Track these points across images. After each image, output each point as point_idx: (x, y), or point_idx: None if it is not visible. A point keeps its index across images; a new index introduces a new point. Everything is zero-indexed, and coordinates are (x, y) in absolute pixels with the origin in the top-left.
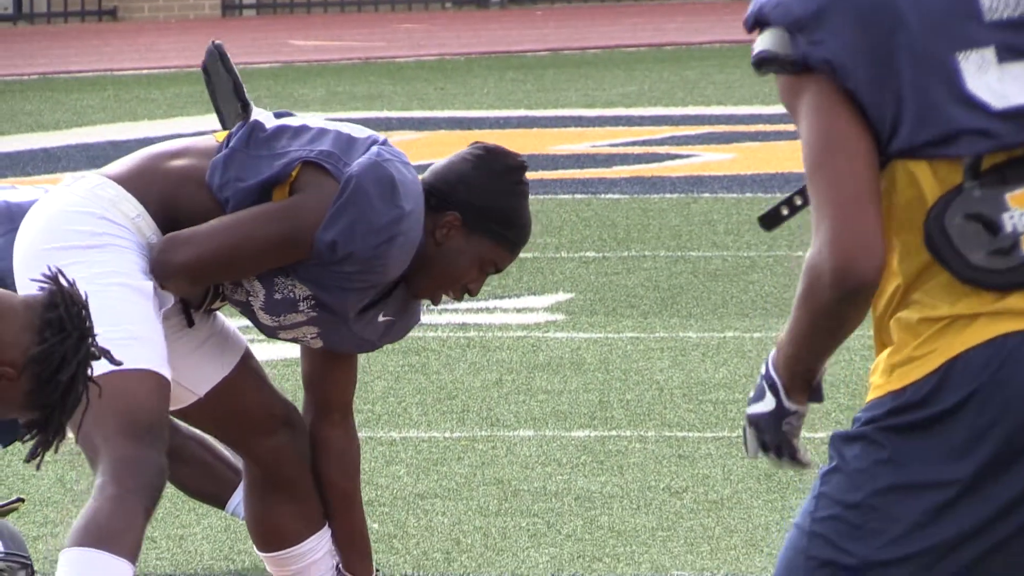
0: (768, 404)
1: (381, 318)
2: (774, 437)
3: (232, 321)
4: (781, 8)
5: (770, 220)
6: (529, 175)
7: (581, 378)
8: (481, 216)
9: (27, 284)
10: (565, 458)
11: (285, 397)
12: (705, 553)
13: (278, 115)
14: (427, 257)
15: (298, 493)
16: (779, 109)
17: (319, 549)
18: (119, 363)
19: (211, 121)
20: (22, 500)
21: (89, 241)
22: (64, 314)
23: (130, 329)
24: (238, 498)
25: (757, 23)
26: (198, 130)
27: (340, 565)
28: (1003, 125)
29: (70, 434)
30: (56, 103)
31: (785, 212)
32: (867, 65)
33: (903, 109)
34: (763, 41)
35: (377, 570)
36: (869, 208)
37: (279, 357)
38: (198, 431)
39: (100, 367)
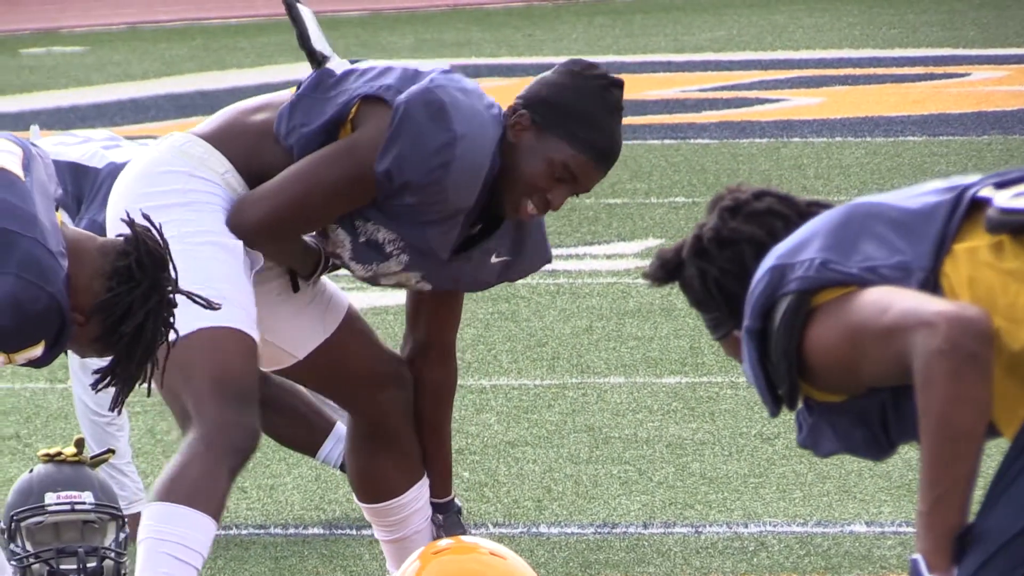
0: None
1: (494, 259)
2: None
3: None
4: None
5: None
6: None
7: (671, 324)
8: (551, 112)
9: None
10: (656, 405)
11: (391, 352)
12: (797, 500)
13: (353, 62)
14: (504, 168)
15: (401, 445)
16: (867, 52)
17: (419, 499)
18: (217, 306)
19: (300, 69)
20: (112, 451)
21: (179, 199)
22: (134, 263)
23: (219, 288)
24: (329, 446)
25: None
26: (286, 79)
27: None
28: None
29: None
30: (144, 53)
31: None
32: None
33: None
34: None
35: (458, 510)
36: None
37: (368, 305)
38: (290, 380)
39: (190, 323)
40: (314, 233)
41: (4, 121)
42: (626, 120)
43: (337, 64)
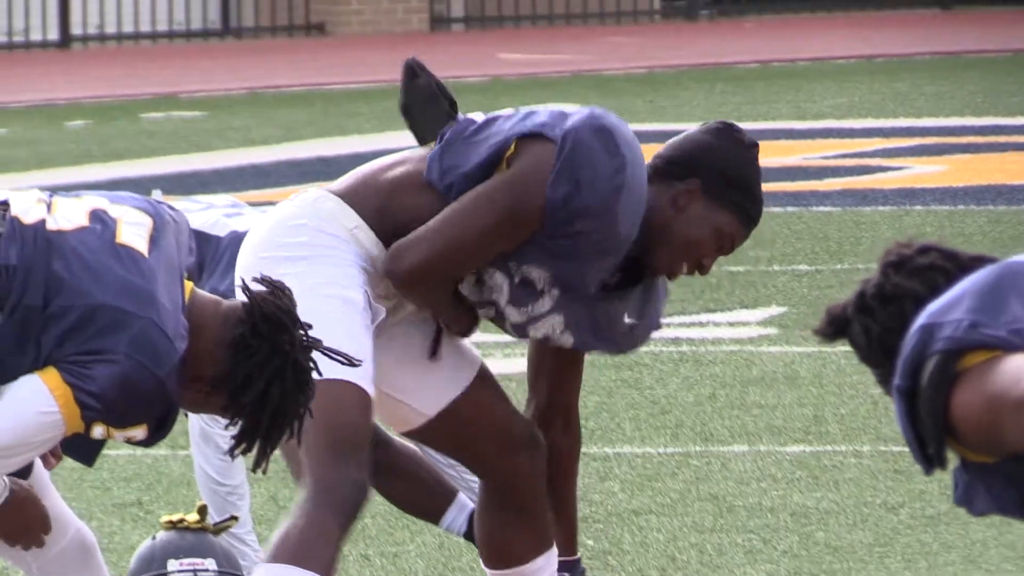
0: None
1: (626, 319)
2: None
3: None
4: None
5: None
6: None
7: (795, 392)
8: (723, 184)
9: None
10: (780, 473)
11: (523, 415)
12: (923, 569)
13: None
14: (665, 226)
15: (533, 511)
16: (990, 120)
17: (547, 568)
18: (358, 363)
19: None
20: (236, 518)
21: (304, 252)
22: (248, 332)
23: (339, 342)
24: (453, 513)
25: None
26: (407, 144)
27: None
28: None
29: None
30: (265, 118)
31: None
32: None
33: None
34: None
35: (583, 572)
36: None
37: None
38: (412, 446)
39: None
40: (468, 287)
41: (124, 186)
42: None
43: (471, 115)
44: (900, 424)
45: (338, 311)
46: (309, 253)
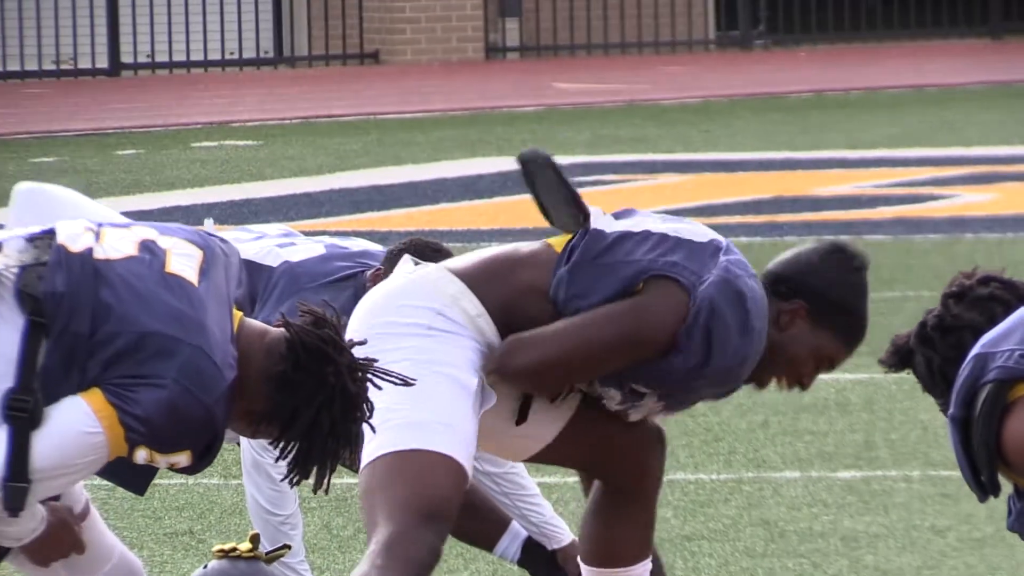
0: None
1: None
2: None
3: None
4: None
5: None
6: (792, 217)
7: (846, 419)
8: (829, 308)
9: None
10: (831, 498)
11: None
12: None
13: (617, 216)
14: (768, 345)
15: (648, 515)
16: None
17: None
18: (412, 382)
19: (476, 165)
20: (288, 547)
21: (421, 331)
22: (290, 368)
23: (444, 416)
24: (507, 541)
25: None
26: (462, 174)
27: None
28: None
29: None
30: (318, 147)
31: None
32: None
33: None
34: None
35: None
36: None
37: None
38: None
39: (405, 441)
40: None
41: (176, 215)
42: (801, 216)
43: (601, 220)
44: (955, 451)
45: (448, 389)
46: (427, 332)
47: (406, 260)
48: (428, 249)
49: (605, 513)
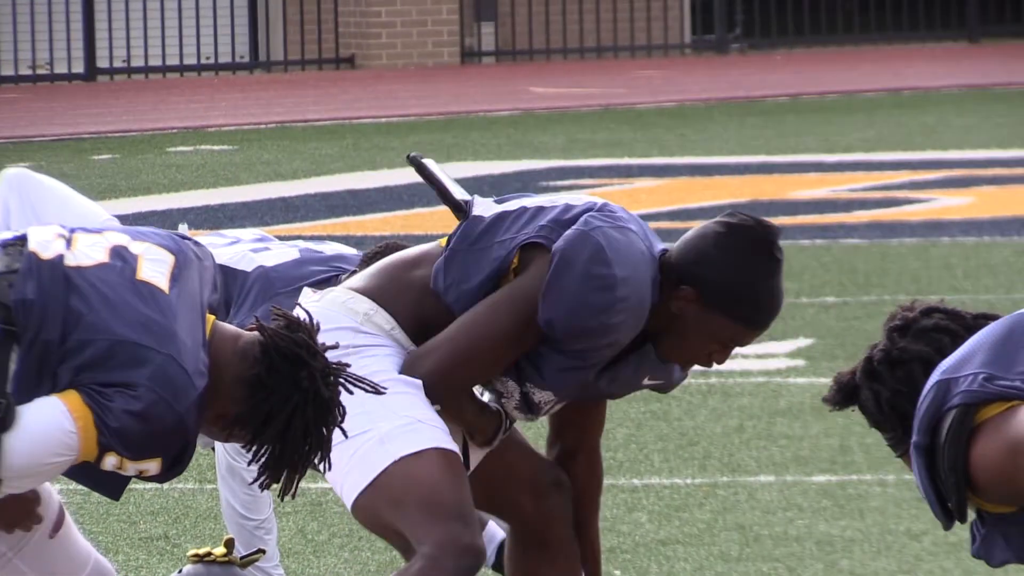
0: None
1: (647, 381)
2: None
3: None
4: None
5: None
6: (769, 219)
7: (821, 423)
8: (718, 294)
9: None
10: (806, 503)
11: (548, 460)
12: None
13: (499, 200)
14: (667, 324)
15: (564, 552)
16: (1016, 152)
17: None
18: (383, 390)
19: (450, 170)
20: (263, 551)
21: (347, 352)
22: (263, 372)
23: (410, 415)
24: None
25: None
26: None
27: None
28: None
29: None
30: (294, 152)
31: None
32: None
33: None
34: None
35: None
36: None
37: None
38: None
39: (391, 454)
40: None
41: (151, 219)
42: (776, 220)
43: (481, 206)
44: (918, 481)
45: (404, 391)
46: (354, 350)
47: (306, 292)
48: None
49: (521, 552)
